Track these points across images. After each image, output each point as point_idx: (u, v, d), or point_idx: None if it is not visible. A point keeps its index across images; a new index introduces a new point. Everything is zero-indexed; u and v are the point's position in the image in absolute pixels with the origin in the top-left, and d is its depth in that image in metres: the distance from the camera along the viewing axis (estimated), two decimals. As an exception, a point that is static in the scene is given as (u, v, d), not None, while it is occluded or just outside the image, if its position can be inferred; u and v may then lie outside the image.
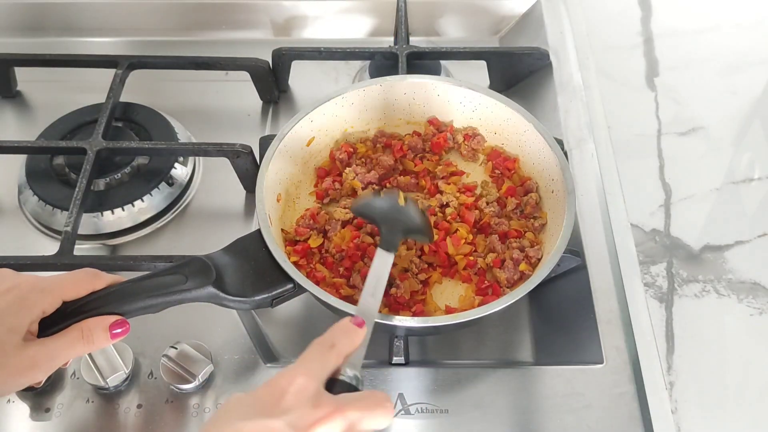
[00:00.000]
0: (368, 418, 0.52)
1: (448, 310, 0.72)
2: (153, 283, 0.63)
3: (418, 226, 0.69)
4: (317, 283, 0.71)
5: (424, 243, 0.74)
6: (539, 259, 0.73)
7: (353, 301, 0.70)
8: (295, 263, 0.73)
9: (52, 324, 0.59)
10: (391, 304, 0.71)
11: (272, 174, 0.75)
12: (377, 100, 0.82)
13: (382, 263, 0.64)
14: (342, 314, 0.66)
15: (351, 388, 0.55)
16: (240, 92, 0.98)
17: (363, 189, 0.79)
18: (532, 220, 0.77)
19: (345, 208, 0.78)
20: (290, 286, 0.67)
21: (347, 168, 0.81)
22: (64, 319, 0.59)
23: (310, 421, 0.49)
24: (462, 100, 0.82)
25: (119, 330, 0.60)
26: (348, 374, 0.55)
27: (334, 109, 0.81)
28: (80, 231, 0.80)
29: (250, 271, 0.67)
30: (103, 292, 0.62)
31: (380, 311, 0.69)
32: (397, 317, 0.66)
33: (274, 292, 0.67)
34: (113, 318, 0.60)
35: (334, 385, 0.54)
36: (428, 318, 0.68)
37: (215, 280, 0.65)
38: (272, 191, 0.75)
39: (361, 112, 0.82)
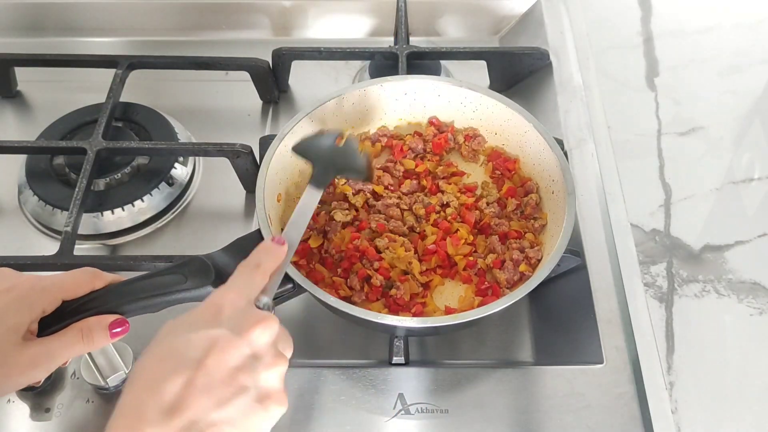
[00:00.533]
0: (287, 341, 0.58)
1: (448, 311, 0.72)
2: (152, 283, 0.63)
3: (353, 165, 0.71)
4: (316, 283, 0.71)
5: (360, 180, 0.76)
6: (539, 260, 0.73)
7: (352, 302, 0.71)
8: (295, 263, 0.73)
9: (51, 323, 0.59)
10: (391, 305, 0.71)
11: (272, 174, 0.75)
12: (378, 100, 0.82)
13: (309, 199, 0.68)
14: (341, 314, 0.66)
15: None
16: (240, 92, 0.98)
17: (354, 194, 0.79)
18: (532, 221, 0.77)
19: (343, 210, 0.78)
20: (290, 286, 0.67)
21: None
22: (63, 319, 0.60)
23: (247, 325, 0.54)
24: (463, 100, 0.82)
25: (119, 329, 0.60)
26: (262, 301, 0.59)
27: (335, 109, 0.80)
28: (80, 231, 0.80)
29: None
30: (102, 292, 0.62)
31: (380, 311, 0.70)
32: (397, 317, 0.66)
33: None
34: (113, 317, 0.60)
35: None
36: (428, 318, 0.68)
37: (215, 279, 0.65)
38: (272, 191, 0.75)
39: (361, 112, 0.82)
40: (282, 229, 0.71)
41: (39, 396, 0.69)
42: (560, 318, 0.78)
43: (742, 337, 0.78)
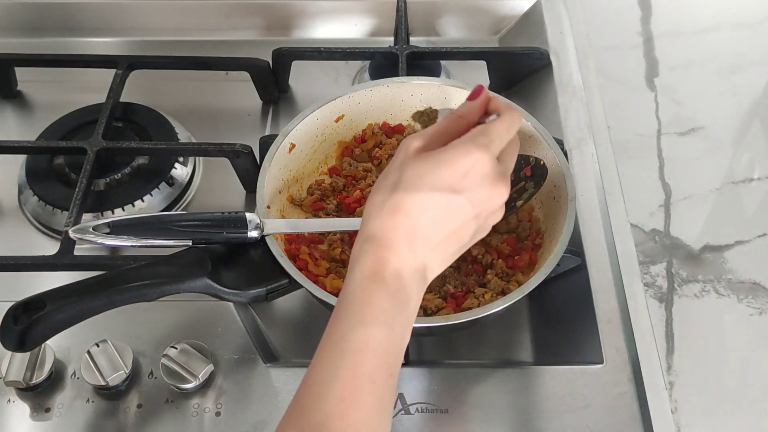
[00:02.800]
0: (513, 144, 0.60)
1: (450, 304, 0.72)
2: (148, 272, 0.64)
3: None
4: (316, 278, 0.71)
5: None
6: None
7: None
8: (294, 255, 0.73)
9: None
10: None
11: (273, 174, 0.75)
12: (384, 100, 0.82)
13: None
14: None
15: None
16: (240, 92, 0.98)
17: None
18: (526, 241, 0.76)
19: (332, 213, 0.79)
20: (285, 281, 0.67)
21: (345, 158, 0.82)
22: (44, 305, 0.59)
23: (484, 196, 0.55)
24: None
25: None
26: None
27: (341, 108, 0.81)
28: (80, 231, 0.80)
29: (246, 264, 0.68)
30: (97, 278, 0.62)
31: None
32: (397, 317, 0.66)
33: (269, 286, 0.67)
34: None
35: None
36: (427, 318, 0.67)
37: (211, 271, 0.65)
38: (272, 191, 0.75)
39: (367, 112, 0.82)
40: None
41: (39, 396, 0.69)
42: (560, 318, 0.78)
43: (742, 337, 0.78)
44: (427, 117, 0.82)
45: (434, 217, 0.53)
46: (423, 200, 0.53)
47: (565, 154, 0.80)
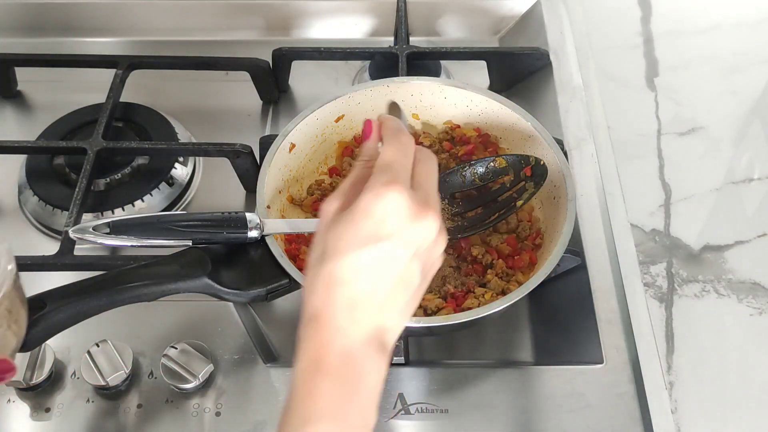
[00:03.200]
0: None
1: (450, 304, 0.72)
2: (148, 272, 0.64)
3: None
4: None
5: None
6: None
7: None
8: (294, 255, 0.73)
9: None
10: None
11: (273, 174, 0.75)
12: (384, 100, 0.82)
13: None
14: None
15: None
16: (240, 92, 0.98)
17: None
18: (526, 241, 0.76)
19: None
20: (285, 281, 0.67)
21: (345, 158, 0.82)
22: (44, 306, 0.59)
23: (414, 231, 0.51)
24: (469, 103, 0.82)
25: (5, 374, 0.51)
26: None
27: (341, 108, 0.81)
28: (80, 231, 0.80)
29: (247, 263, 0.68)
30: (97, 278, 0.62)
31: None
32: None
33: (269, 286, 0.67)
34: None
35: None
36: (427, 318, 0.67)
37: (211, 271, 0.65)
38: (272, 191, 0.75)
39: (368, 112, 0.82)
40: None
41: (39, 396, 0.69)
42: (560, 318, 0.78)
43: (742, 337, 0.78)
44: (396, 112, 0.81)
45: (369, 276, 0.49)
46: (351, 263, 0.49)
47: (565, 154, 0.80)
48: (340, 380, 0.48)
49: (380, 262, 0.50)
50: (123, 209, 0.85)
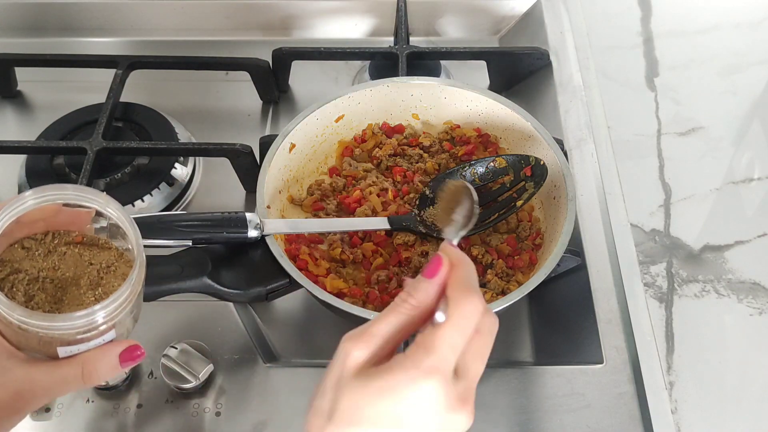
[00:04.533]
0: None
1: None
2: (148, 272, 0.63)
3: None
4: (316, 278, 0.71)
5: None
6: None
7: (342, 295, 0.70)
8: (294, 255, 0.73)
9: None
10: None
11: (273, 174, 0.75)
12: (384, 100, 0.82)
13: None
14: (337, 311, 0.66)
15: None
16: (240, 92, 0.98)
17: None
18: (526, 241, 0.76)
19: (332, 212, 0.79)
20: (285, 281, 0.67)
21: (345, 158, 0.82)
22: None
23: (438, 427, 0.45)
24: (469, 103, 0.82)
25: (136, 353, 0.50)
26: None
27: (341, 108, 0.81)
28: (80, 231, 0.80)
29: (247, 263, 0.68)
30: None
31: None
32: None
33: (269, 286, 0.67)
34: (123, 345, 0.50)
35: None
36: (428, 318, 0.67)
37: (211, 271, 0.65)
38: (272, 191, 0.75)
39: (367, 112, 0.82)
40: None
41: (39, 396, 0.69)
42: (560, 318, 0.78)
43: (742, 337, 0.78)
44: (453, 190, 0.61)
45: None
46: None
47: (565, 154, 0.80)
48: None
49: None
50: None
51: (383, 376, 0.44)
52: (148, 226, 0.66)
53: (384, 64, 0.97)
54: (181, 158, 0.89)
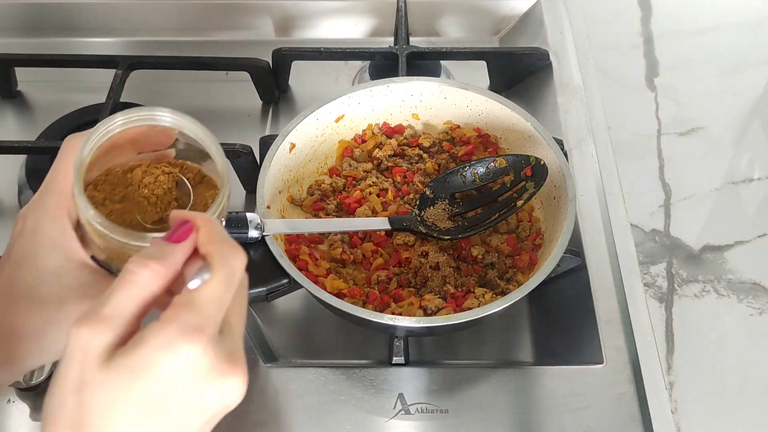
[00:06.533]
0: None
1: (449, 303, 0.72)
2: None
3: None
4: (316, 279, 0.71)
5: None
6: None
7: (342, 295, 0.70)
8: (294, 255, 0.73)
9: None
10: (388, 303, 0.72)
11: (273, 174, 0.75)
12: (384, 100, 0.82)
13: None
14: (337, 311, 0.66)
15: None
16: (240, 92, 0.98)
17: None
18: (526, 241, 0.76)
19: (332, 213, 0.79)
20: (285, 281, 0.67)
21: (345, 158, 0.82)
22: None
23: (213, 396, 0.40)
24: (469, 104, 0.82)
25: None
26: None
27: (341, 108, 0.81)
28: (80, 231, 0.80)
29: (247, 264, 0.68)
30: None
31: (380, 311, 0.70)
32: (396, 317, 0.66)
33: (269, 286, 0.67)
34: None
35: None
36: (427, 318, 0.67)
37: None
38: (272, 191, 0.75)
39: (367, 112, 0.82)
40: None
41: (39, 396, 0.69)
42: (560, 318, 0.78)
43: (742, 337, 0.78)
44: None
45: None
46: None
47: (565, 154, 0.80)
48: None
49: None
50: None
51: (135, 351, 0.37)
52: None
53: (384, 64, 0.97)
54: (181, 158, 0.89)
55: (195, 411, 0.39)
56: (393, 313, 0.69)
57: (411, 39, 1.00)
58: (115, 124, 0.48)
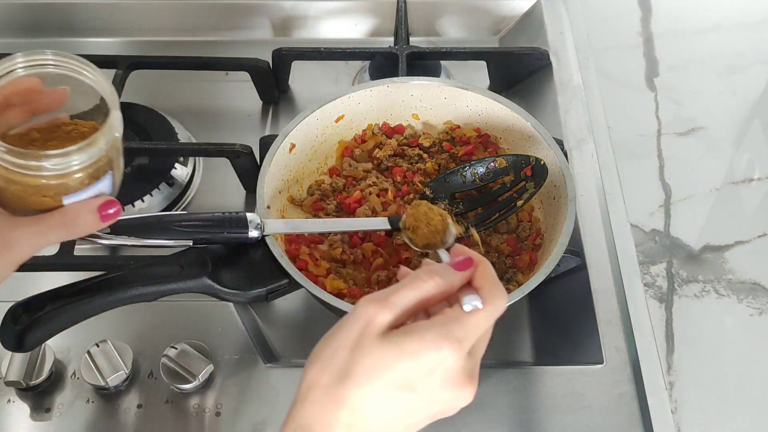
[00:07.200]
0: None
1: None
2: (148, 272, 0.64)
3: None
4: (316, 279, 0.71)
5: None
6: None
7: (342, 295, 0.70)
8: (294, 255, 0.73)
9: (33, 307, 0.60)
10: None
11: (273, 174, 0.75)
12: (384, 100, 0.82)
13: None
14: (337, 311, 0.66)
15: None
16: (240, 92, 0.98)
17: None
18: (526, 241, 0.76)
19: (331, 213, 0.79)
20: (285, 281, 0.67)
21: (345, 158, 0.82)
22: (43, 305, 0.59)
23: (447, 398, 0.48)
24: (469, 104, 0.82)
25: (111, 210, 0.54)
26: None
27: (341, 108, 0.81)
28: (80, 231, 0.80)
29: (247, 264, 0.68)
30: (97, 279, 0.62)
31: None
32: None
33: (269, 286, 0.67)
34: (101, 199, 0.53)
35: None
36: (428, 318, 0.67)
37: (211, 271, 0.65)
38: (272, 191, 0.75)
39: (367, 112, 0.82)
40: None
41: (39, 396, 0.69)
42: (560, 318, 0.78)
43: (742, 337, 0.78)
44: (427, 213, 0.69)
45: (383, 416, 0.46)
46: (374, 397, 0.46)
47: (565, 154, 0.80)
48: None
49: (400, 411, 0.47)
50: (123, 209, 0.84)
51: (408, 336, 0.46)
52: (148, 226, 0.66)
53: (384, 64, 0.97)
54: (181, 158, 0.89)
55: (429, 403, 0.47)
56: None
57: (411, 39, 1.00)
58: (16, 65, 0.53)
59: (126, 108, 0.93)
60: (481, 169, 0.78)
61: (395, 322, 0.48)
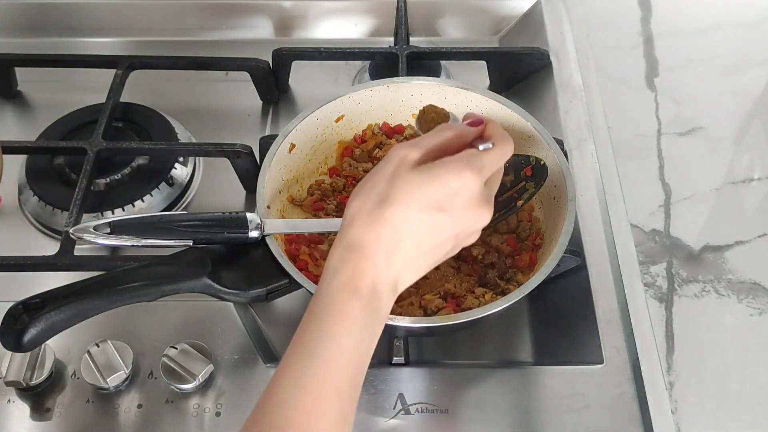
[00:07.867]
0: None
1: (449, 304, 0.72)
2: (148, 272, 0.64)
3: None
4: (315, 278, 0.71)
5: None
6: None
7: None
8: (294, 255, 0.73)
9: (36, 308, 0.59)
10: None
11: (273, 174, 0.75)
12: (384, 100, 0.82)
13: None
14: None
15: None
16: (240, 92, 0.98)
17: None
18: (526, 241, 0.76)
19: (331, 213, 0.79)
20: (286, 281, 0.67)
21: (345, 158, 0.82)
22: (44, 307, 0.59)
23: (468, 217, 0.56)
24: (469, 104, 0.82)
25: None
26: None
27: (341, 108, 0.81)
28: (80, 231, 0.80)
29: (247, 264, 0.68)
30: (97, 279, 0.62)
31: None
32: (397, 317, 0.66)
33: (269, 286, 0.67)
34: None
35: None
36: (427, 318, 0.67)
37: (211, 271, 0.65)
38: (272, 191, 0.75)
39: (367, 112, 0.83)
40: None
41: (39, 396, 0.69)
42: (560, 318, 0.78)
43: (742, 337, 0.78)
44: (435, 115, 0.77)
45: (417, 234, 0.54)
46: (409, 216, 0.54)
47: (565, 154, 0.80)
48: (368, 307, 0.52)
49: (431, 227, 0.54)
50: (123, 209, 0.85)
51: (436, 166, 0.55)
52: (148, 226, 0.66)
53: (384, 64, 0.97)
54: (181, 158, 0.90)
55: (453, 222, 0.55)
56: (393, 313, 0.69)
57: (411, 39, 1.00)
58: None
59: (126, 108, 0.94)
60: None
61: (425, 159, 0.56)
